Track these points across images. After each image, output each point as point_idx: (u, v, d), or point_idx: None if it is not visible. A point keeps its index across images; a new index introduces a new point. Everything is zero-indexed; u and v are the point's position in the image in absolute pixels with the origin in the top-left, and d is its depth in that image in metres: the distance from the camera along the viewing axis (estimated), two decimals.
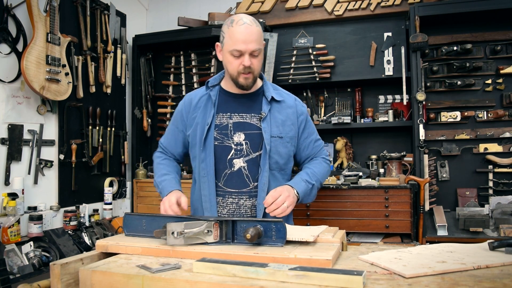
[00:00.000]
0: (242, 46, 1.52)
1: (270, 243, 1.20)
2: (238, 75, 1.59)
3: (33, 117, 2.72)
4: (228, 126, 1.64)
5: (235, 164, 1.63)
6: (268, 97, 1.67)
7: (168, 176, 1.71)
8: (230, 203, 1.65)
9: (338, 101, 3.51)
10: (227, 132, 1.64)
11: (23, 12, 2.60)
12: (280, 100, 1.69)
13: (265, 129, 1.62)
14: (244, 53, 1.53)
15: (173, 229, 1.21)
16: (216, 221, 1.25)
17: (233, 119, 1.65)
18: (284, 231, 1.19)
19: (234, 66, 1.57)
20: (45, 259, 2.45)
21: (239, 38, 1.51)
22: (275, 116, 1.67)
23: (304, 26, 3.50)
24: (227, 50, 1.56)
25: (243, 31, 1.51)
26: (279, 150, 1.66)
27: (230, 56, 1.56)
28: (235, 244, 1.24)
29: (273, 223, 1.20)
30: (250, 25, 1.53)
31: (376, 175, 3.13)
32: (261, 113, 1.64)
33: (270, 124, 1.64)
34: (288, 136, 1.69)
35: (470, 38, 3.10)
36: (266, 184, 1.63)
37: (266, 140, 1.62)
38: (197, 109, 1.70)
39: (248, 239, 1.15)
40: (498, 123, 3.06)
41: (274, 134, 1.65)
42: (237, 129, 1.64)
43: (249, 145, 1.63)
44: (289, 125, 1.70)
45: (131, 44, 3.73)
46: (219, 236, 1.25)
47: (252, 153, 1.64)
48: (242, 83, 1.60)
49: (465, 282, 0.91)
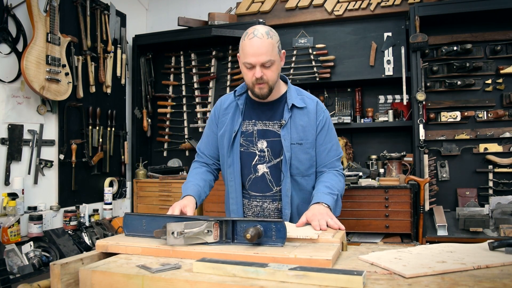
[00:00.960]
0: (252, 59, 1.58)
1: (270, 243, 1.20)
2: (253, 86, 1.64)
3: (33, 117, 2.72)
4: (253, 133, 1.71)
5: (259, 170, 1.71)
6: (289, 104, 1.70)
7: (190, 183, 1.73)
8: (254, 206, 1.74)
9: (338, 101, 3.51)
10: (252, 139, 1.71)
11: (23, 12, 2.60)
12: (302, 107, 1.71)
13: (284, 137, 1.67)
14: (255, 66, 1.59)
15: (173, 229, 1.21)
16: (216, 221, 1.25)
17: (257, 126, 1.72)
18: (284, 231, 1.19)
19: (248, 77, 1.63)
20: (45, 259, 2.45)
21: (249, 52, 1.58)
22: (295, 123, 1.70)
23: (304, 26, 3.50)
24: (241, 62, 1.64)
25: (252, 45, 1.57)
26: (299, 157, 1.69)
27: (244, 68, 1.63)
28: (235, 244, 1.24)
29: (273, 223, 1.20)
30: (260, 38, 1.58)
31: (376, 175, 3.14)
32: (281, 121, 1.69)
33: (290, 131, 1.68)
34: (309, 142, 1.70)
35: (470, 38, 3.10)
36: (289, 190, 1.68)
37: (286, 148, 1.66)
38: (227, 114, 1.77)
39: (248, 239, 1.15)
40: (498, 123, 3.06)
41: (294, 141, 1.68)
42: (260, 136, 1.71)
43: (270, 152, 1.70)
44: (310, 130, 1.72)
45: (131, 44, 3.73)
46: (219, 236, 1.25)
47: (274, 159, 1.70)
48: (257, 93, 1.66)
49: (465, 282, 0.91)
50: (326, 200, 1.55)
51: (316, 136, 1.72)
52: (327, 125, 1.75)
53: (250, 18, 3.62)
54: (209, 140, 1.85)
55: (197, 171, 1.81)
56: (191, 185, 1.69)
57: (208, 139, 1.85)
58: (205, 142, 1.86)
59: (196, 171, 1.81)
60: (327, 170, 1.74)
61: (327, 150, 1.74)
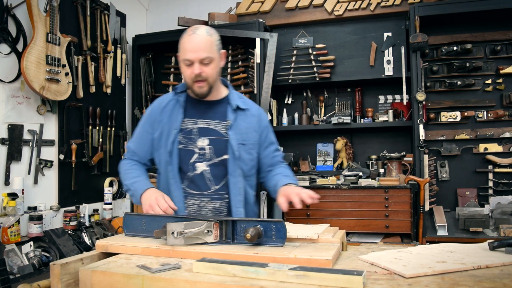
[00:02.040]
0: (190, 55, 1.58)
1: (270, 243, 1.20)
2: (192, 84, 1.64)
3: (33, 117, 2.72)
4: (192, 131, 1.70)
5: (197, 168, 1.69)
6: (233, 106, 1.73)
7: (139, 178, 1.70)
8: (192, 204, 1.71)
9: (338, 101, 3.50)
10: (191, 136, 1.69)
11: (23, 12, 2.60)
12: (245, 109, 1.76)
13: (232, 137, 1.69)
14: (193, 62, 1.59)
15: (173, 229, 1.21)
16: (216, 221, 1.25)
17: (198, 124, 1.70)
18: (284, 231, 1.19)
19: (187, 74, 1.63)
20: (45, 259, 2.45)
21: (187, 48, 1.59)
22: (239, 124, 1.73)
23: (304, 26, 3.50)
24: (180, 60, 1.63)
25: (191, 41, 1.58)
26: (243, 157, 1.71)
27: (183, 66, 1.62)
28: (235, 244, 1.24)
29: (273, 223, 1.20)
30: (199, 34, 1.59)
31: (376, 175, 3.13)
32: (226, 121, 1.71)
33: (236, 132, 1.71)
34: (251, 142, 1.75)
35: (470, 38, 3.10)
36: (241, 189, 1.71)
37: (235, 147, 1.68)
38: (165, 113, 1.74)
39: (248, 239, 1.15)
40: (498, 123, 3.06)
41: (239, 141, 1.71)
42: (201, 134, 1.69)
43: (213, 150, 1.69)
44: (252, 132, 1.76)
45: (131, 44, 3.73)
46: (219, 236, 1.25)
47: (215, 158, 1.69)
48: (197, 91, 1.66)
49: (465, 282, 0.91)
50: (292, 182, 1.67)
51: (261, 139, 1.79)
52: (270, 128, 1.87)
53: (250, 18, 3.62)
54: (142, 140, 1.79)
55: (136, 166, 1.77)
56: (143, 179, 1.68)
57: (141, 139, 1.79)
58: (138, 142, 1.80)
59: (136, 166, 1.77)
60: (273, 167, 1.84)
61: (274, 150, 1.85)
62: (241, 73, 3.61)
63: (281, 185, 1.66)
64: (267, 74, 3.25)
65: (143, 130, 1.80)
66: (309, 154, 3.56)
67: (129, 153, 1.82)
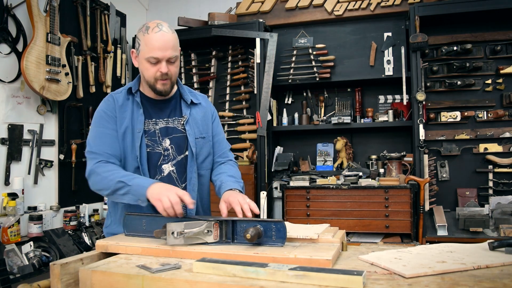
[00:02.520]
0: (159, 53, 1.51)
1: (270, 243, 1.20)
2: (155, 82, 1.57)
3: (33, 117, 2.72)
4: (155, 132, 1.64)
5: (164, 170, 1.64)
6: (187, 101, 1.70)
7: (134, 175, 1.53)
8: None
9: (338, 101, 3.50)
10: (156, 138, 1.63)
11: (23, 12, 2.60)
12: (197, 103, 1.74)
13: (189, 132, 1.66)
14: (161, 60, 1.53)
15: (173, 229, 1.21)
16: (216, 221, 1.25)
17: (159, 125, 1.65)
18: (284, 231, 1.19)
19: (151, 73, 1.55)
20: (45, 259, 2.45)
21: (155, 46, 1.51)
22: (195, 118, 1.70)
23: (304, 26, 3.50)
24: (144, 57, 1.54)
25: (159, 39, 1.51)
26: (203, 150, 1.70)
27: (147, 63, 1.54)
28: (235, 244, 1.24)
29: (273, 223, 1.20)
30: (166, 32, 1.53)
31: (376, 175, 3.13)
32: (183, 116, 1.68)
33: (193, 126, 1.68)
34: (209, 134, 1.74)
35: (470, 38, 3.10)
36: (196, 185, 1.67)
37: (192, 143, 1.65)
38: (124, 112, 1.62)
39: (248, 239, 1.15)
40: (498, 123, 3.06)
41: (197, 135, 1.69)
42: (164, 134, 1.65)
43: (174, 148, 1.65)
44: (207, 124, 1.75)
45: (131, 44, 3.73)
46: (219, 236, 1.25)
47: (178, 156, 1.66)
48: (160, 89, 1.59)
49: (465, 282, 0.91)
50: (236, 186, 1.62)
51: (212, 129, 1.77)
52: (217, 117, 1.83)
53: (250, 18, 3.62)
54: (108, 139, 1.60)
55: (116, 167, 1.57)
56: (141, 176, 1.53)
57: (107, 138, 1.59)
58: (105, 142, 1.59)
59: (116, 167, 1.57)
60: (222, 160, 1.79)
61: (220, 141, 1.80)
62: (241, 73, 3.61)
63: (225, 189, 1.61)
64: (267, 74, 3.25)
65: (107, 129, 1.60)
66: (309, 154, 3.56)
67: (99, 155, 1.58)
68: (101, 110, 1.63)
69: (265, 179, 3.21)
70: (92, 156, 1.60)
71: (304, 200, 2.99)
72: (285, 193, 3.07)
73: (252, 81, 3.46)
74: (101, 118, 1.62)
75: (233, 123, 3.63)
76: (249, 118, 3.55)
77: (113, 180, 1.50)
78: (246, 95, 3.58)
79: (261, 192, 3.12)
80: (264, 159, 3.23)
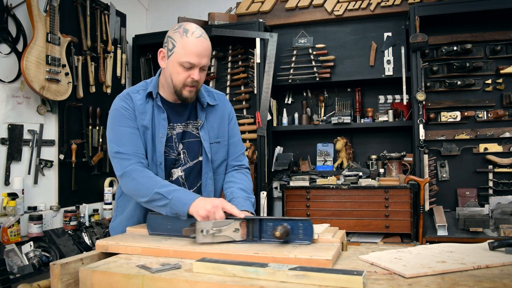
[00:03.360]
0: (195, 59, 1.46)
1: (297, 241, 1.22)
2: (183, 87, 1.51)
3: (33, 117, 2.72)
4: (172, 137, 1.58)
5: (173, 174, 1.60)
6: (204, 104, 1.62)
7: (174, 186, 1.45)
8: None
9: (338, 101, 3.51)
10: (172, 144, 1.58)
11: (23, 12, 2.60)
12: (214, 104, 1.67)
13: (204, 137, 1.61)
14: (195, 67, 1.48)
15: (202, 228, 1.23)
16: (244, 220, 1.28)
17: (176, 129, 1.60)
18: (311, 229, 1.21)
19: (181, 78, 1.49)
20: (45, 259, 2.45)
21: (194, 51, 1.45)
22: (211, 121, 1.64)
23: (304, 26, 3.50)
24: (177, 60, 1.47)
25: (198, 44, 1.46)
26: (219, 155, 1.65)
27: (179, 67, 1.48)
28: (262, 242, 1.26)
29: (300, 221, 1.23)
30: (205, 39, 1.49)
31: (376, 175, 3.14)
32: (197, 121, 1.62)
33: (208, 131, 1.63)
34: (224, 138, 1.68)
35: (470, 38, 3.10)
36: (212, 191, 1.62)
37: (207, 149, 1.60)
38: (143, 114, 1.55)
39: (277, 236, 1.18)
40: (498, 123, 3.06)
41: (212, 140, 1.63)
42: (179, 139, 1.59)
43: (187, 153, 1.61)
44: (224, 127, 1.68)
45: (131, 44, 3.73)
46: (246, 235, 1.28)
47: (190, 161, 1.61)
48: (186, 96, 1.52)
49: (465, 282, 0.91)
50: (247, 207, 1.52)
51: (228, 130, 1.69)
52: (234, 118, 1.74)
53: (250, 18, 3.62)
54: (135, 138, 1.52)
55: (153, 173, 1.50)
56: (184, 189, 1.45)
57: (134, 138, 1.52)
58: (133, 141, 1.51)
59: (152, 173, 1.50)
60: (235, 164, 1.71)
61: (235, 143, 1.71)
62: (241, 73, 3.61)
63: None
64: (267, 74, 3.25)
65: (131, 128, 1.53)
66: (309, 154, 3.56)
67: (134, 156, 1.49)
68: (121, 107, 1.56)
69: (265, 179, 3.21)
70: (124, 157, 1.49)
71: (304, 200, 2.99)
72: (285, 193, 3.07)
73: (252, 81, 3.46)
74: (122, 116, 1.54)
75: None
76: (249, 118, 3.55)
77: (151, 190, 1.41)
78: (246, 95, 3.58)
79: (261, 192, 3.12)
80: (264, 159, 3.23)
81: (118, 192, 1.70)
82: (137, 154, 1.50)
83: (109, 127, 1.57)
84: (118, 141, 1.51)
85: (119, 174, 1.50)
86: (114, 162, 1.52)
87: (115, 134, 1.53)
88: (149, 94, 1.57)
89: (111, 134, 1.55)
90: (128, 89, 1.62)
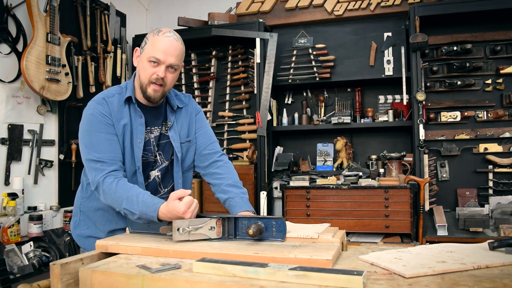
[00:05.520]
0: (161, 55, 1.48)
1: (270, 239, 1.25)
2: (148, 84, 1.51)
3: (33, 117, 2.72)
4: (150, 141, 1.60)
5: (151, 175, 1.63)
6: (174, 106, 1.65)
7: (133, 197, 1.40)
8: None
9: (338, 101, 3.50)
10: (151, 147, 1.59)
11: (23, 12, 2.60)
12: (182, 106, 1.70)
13: (173, 138, 1.63)
14: (161, 64, 1.49)
15: (179, 226, 1.26)
16: (219, 218, 1.31)
17: (153, 133, 1.61)
18: (284, 227, 1.25)
19: (148, 73, 1.50)
20: (45, 259, 2.45)
21: (161, 48, 1.48)
22: (180, 122, 1.67)
23: (304, 26, 3.50)
24: (146, 56, 1.50)
25: (167, 42, 1.49)
26: (190, 154, 1.69)
27: (147, 63, 1.49)
28: (237, 240, 1.29)
29: (273, 219, 1.26)
30: (176, 40, 1.52)
31: (376, 175, 3.14)
32: (167, 122, 1.64)
33: (178, 131, 1.66)
34: (194, 136, 1.71)
35: (470, 38, 3.10)
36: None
37: (177, 149, 1.63)
38: (121, 119, 1.53)
39: (250, 234, 1.20)
40: (498, 123, 3.06)
41: (183, 139, 1.67)
42: (156, 142, 1.61)
43: (162, 155, 1.64)
44: (192, 125, 1.72)
45: (131, 44, 3.73)
46: (221, 233, 1.31)
47: (165, 161, 1.65)
48: (150, 94, 1.52)
49: (465, 282, 0.91)
50: (248, 207, 1.55)
51: (196, 128, 1.72)
52: (201, 113, 1.77)
53: (250, 18, 3.62)
54: (114, 144, 1.50)
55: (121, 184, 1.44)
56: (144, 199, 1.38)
57: (112, 144, 1.49)
58: (112, 149, 1.48)
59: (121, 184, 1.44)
60: (211, 152, 1.70)
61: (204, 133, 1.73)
62: (241, 73, 3.61)
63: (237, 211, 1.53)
64: (267, 74, 3.25)
65: (108, 134, 1.50)
66: (309, 154, 3.56)
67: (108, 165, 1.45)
68: (98, 112, 1.50)
69: (265, 179, 3.21)
70: (98, 166, 1.45)
71: (304, 200, 2.99)
72: (285, 193, 3.07)
73: (252, 81, 3.46)
74: (99, 122, 1.49)
75: (233, 123, 3.63)
76: (249, 118, 3.55)
77: (120, 205, 1.40)
78: (246, 95, 3.58)
79: (261, 192, 3.12)
80: (264, 159, 3.23)
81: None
82: (115, 162, 1.48)
83: (84, 132, 1.51)
84: (95, 148, 1.47)
85: (93, 187, 1.48)
86: (88, 171, 1.49)
87: (91, 140, 1.48)
88: (127, 98, 1.56)
89: (87, 139, 1.49)
90: (103, 93, 1.59)
